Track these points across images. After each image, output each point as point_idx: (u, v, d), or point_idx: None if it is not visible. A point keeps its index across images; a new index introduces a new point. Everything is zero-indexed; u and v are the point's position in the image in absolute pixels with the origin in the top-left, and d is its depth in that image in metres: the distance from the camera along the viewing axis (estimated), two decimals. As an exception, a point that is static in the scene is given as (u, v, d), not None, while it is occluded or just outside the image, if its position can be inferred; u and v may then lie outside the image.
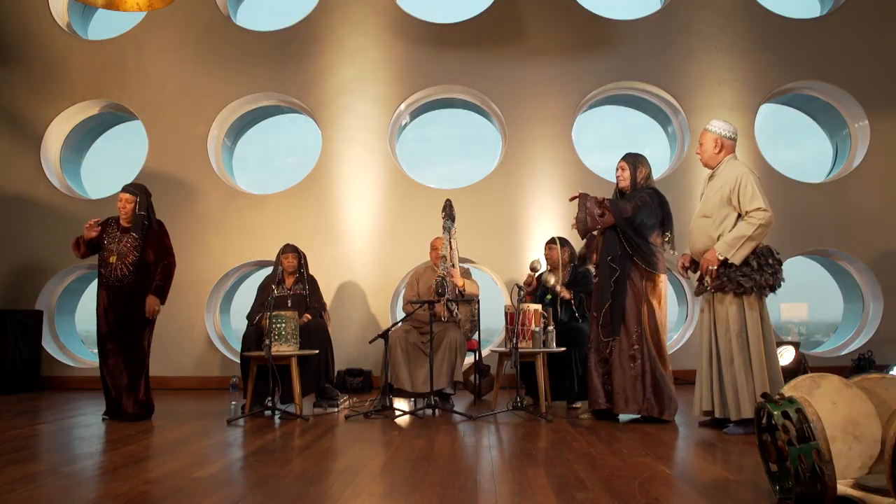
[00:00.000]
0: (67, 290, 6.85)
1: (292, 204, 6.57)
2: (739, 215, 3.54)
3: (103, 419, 4.27)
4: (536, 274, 4.86)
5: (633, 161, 4.14)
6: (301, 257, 5.04)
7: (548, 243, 5.08)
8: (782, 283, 3.57)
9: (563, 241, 5.05)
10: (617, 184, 4.22)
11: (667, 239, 4.07)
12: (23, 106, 6.85)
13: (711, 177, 3.76)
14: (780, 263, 3.58)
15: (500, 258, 6.43)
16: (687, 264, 3.82)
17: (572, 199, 4.17)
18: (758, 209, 3.46)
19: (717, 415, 3.59)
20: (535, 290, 4.94)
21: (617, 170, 4.20)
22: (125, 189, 4.38)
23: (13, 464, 2.90)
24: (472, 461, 2.90)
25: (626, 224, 3.95)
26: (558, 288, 4.78)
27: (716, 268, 3.53)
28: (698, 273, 3.72)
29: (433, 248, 5.27)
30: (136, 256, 4.26)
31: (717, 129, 3.72)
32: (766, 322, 3.55)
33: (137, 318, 4.26)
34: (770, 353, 3.51)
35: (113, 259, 4.25)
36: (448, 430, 3.73)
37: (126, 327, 4.24)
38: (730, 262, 3.49)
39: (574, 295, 4.82)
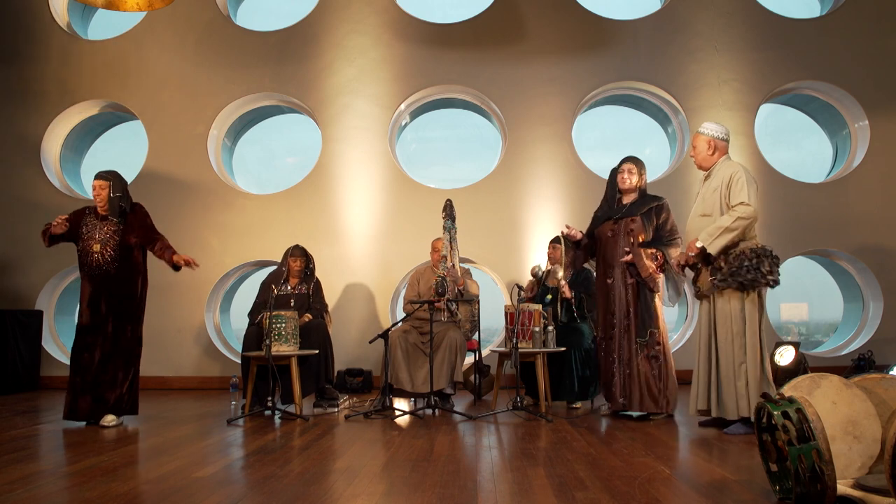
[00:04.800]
0: (67, 290, 6.85)
1: (292, 204, 6.57)
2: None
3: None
4: (541, 273, 4.89)
5: (639, 165, 4.25)
6: (309, 261, 5.03)
7: (551, 243, 5.08)
8: (778, 280, 3.59)
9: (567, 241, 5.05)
10: (618, 185, 4.24)
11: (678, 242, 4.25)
12: (23, 106, 6.85)
13: (707, 177, 3.78)
14: (778, 262, 3.59)
15: (500, 258, 6.43)
16: (683, 262, 3.84)
17: (627, 261, 4.13)
18: (741, 203, 3.49)
19: (713, 414, 3.61)
20: (536, 294, 4.95)
21: (623, 171, 4.23)
22: (98, 176, 4.23)
23: (13, 464, 2.90)
24: (472, 461, 2.90)
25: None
26: (563, 283, 4.79)
27: (694, 254, 3.59)
28: (681, 263, 3.78)
29: (434, 249, 5.27)
30: (118, 242, 4.15)
31: (709, 131, 3.75)
32: (763, 322, 3.57)
33: (124, 307, 4.16)
34: (763, 354, 3.51)
35: (97, 248, 4.13)
36: (448, 430, 3.73)
37: (111, 317, 4.12)
38: (707, 251, 3.52)
39: (574, 295, 4.82)
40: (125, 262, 4.20)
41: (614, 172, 4.30)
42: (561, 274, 4.77)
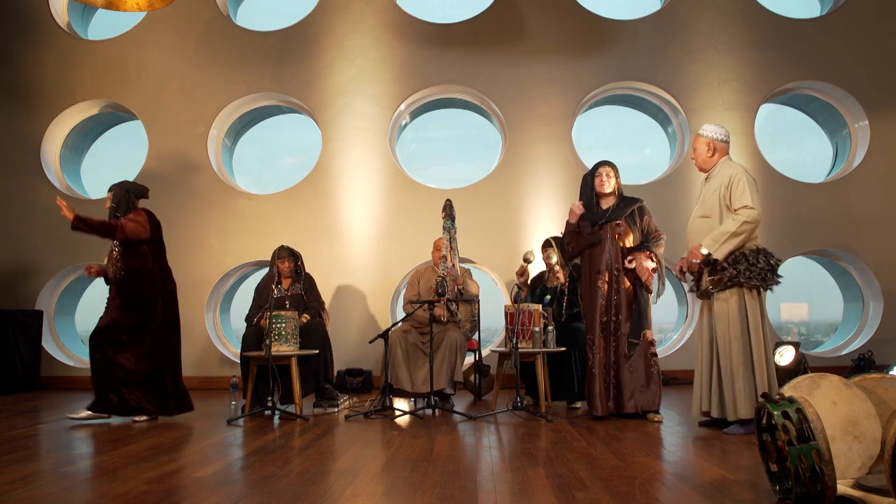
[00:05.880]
0: (67, 290, 6.85)
1: (292, 204, 6.57)
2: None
3: (87, 417, 4.20)
4: (534, 258, 4.88)
5: (615, 169, 4.29)
6: (297, 259, 5.02)
7: (543, 247, 5.07)
8: (779, 282, 3.58)
9: (560, 241, 5.05)
10: (597, 188, 4.24)
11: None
12: (23, 106, 6.85)
13: (707, 178, 3.78)
14: (777, 263, 3.59)
15: (500, 258, 6.43)
16: (685, 268, 3.82)
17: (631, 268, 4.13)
18: (744, 206, 3.49)
19: (714, 415, 3.60)
20: (527, 280, 4.96)
21: (600, 175, 4.25)
22: (109, 189, 4.45)
23: (13, 464, 2.90)
24: (472, 461, 2.90)
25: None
26: (557, 267, 4.81)
27: (699, 262, 3.57)
28: (684, 269, 3.78)
29: (436, 248, 5.26)
30: (120, 249, 4.28)
31: (708, 133, 3.75)
32: (765, 321, 3.55)
33: (144, 309, 4.27)
34: (767, 354, 3.51)
35: (105, 260, 4.37)
36: (448, 430, 3.73)
37: (131, 319, 4.24)
38: (713, 257, 3.51)
39: (569, 284, 4.81)
40: (132, 265, 4.28)
41: (590, 178, 4.30)
42: (555, 258, 4.82)
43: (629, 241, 4.15)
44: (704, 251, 3.54)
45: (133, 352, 4.21)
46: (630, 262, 4.08)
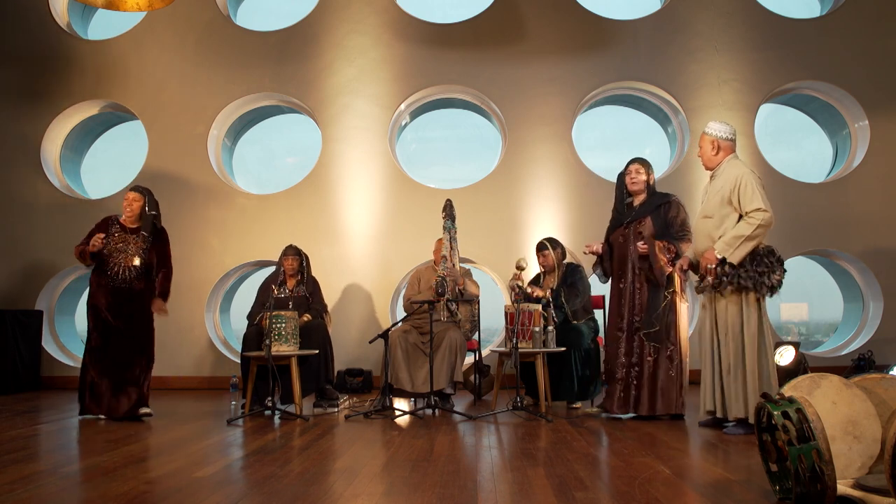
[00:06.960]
0: (67, 290, 6.85)
1: (292, 204, 6.57)
2: (741, 216, 3.54)
3: (84, 418, 4.27)
4: (525, 265, 4.86)
5: (646, 165, 4.24)
6: (303, 259, 5.04)
7: (538, 251, 5.04)
8: (782, 283, 3.57)
9: (555, 243, 5.04)
10: (627, 185, 4.24)
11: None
12: (23, 106, 6.85)
13: (712, 177, 3.77)
14: (782, 263, 3.57)
15: (500, 258, 6.42)
16: (685, 266, 3.81)
17: (643, 252, 4.06)
18: (757, 209, 3.46)
19: (718, 415, 3.60)
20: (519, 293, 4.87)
21: (630, 172, 4.22)
22: (134, 189, 4.42)
23: (13, 464, 2.90)
24: (472, 461, 2.90)
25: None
26: (529, 289, 4.77)
27: (714, 266, 3.54)
28: (700, 273, 3.74)
29: (438, 248, 5.25)
30: (143, 259, 4.29)
31: (713, 131, 3.73)
32: (763, 323, 3.54)
33: (144, 315, 4.32)
34: (765, 355, 3.50)
35: (137, 261, 4.27)
36: (448, 430, 3.73)
37: (133, 325, 4.27)
38: (728, 261, 3.49)
39: (553, 290, 4.80)
40: (147, 277, 4.35)
41: (622, 176, 4.28)
42: (527, 287, 4.80)
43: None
44: (719, 255, 3.50)
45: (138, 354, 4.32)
46: (643, 245, 4.02)
